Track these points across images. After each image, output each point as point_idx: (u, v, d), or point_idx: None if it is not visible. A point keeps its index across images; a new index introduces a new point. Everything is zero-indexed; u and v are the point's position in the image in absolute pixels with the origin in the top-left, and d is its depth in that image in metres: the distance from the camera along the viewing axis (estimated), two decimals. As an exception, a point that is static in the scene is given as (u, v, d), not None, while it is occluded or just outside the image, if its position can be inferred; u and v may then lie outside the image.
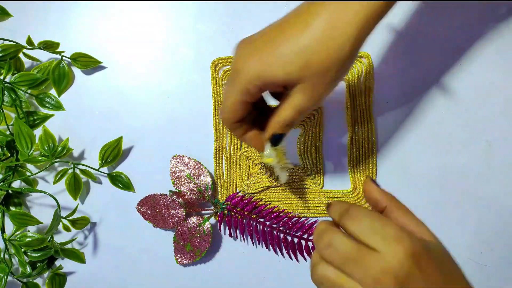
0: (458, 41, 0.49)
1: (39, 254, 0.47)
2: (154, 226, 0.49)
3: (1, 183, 0.47)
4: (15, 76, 0.48)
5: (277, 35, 0.34)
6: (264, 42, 0.34)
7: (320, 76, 0.33)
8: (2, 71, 0.48)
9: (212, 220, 0.49)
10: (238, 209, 0.48)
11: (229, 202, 0.48)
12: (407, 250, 0.30)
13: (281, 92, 0.37)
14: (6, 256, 0.47)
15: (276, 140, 0.39)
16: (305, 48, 0.32)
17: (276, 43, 0.33)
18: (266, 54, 0.33)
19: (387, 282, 0.29)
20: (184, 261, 0.48)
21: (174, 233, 0.49)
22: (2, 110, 0.48)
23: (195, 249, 0.48)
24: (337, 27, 0.32)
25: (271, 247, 0.49)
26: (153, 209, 0.48)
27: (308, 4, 0.34)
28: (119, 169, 0.50)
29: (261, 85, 0.34)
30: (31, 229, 0.50)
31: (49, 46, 0.48)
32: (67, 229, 0.48)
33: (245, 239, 0.49)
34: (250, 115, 0.39)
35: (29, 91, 0.49)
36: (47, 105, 0.49)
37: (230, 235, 0.49)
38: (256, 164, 0.48)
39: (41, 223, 0.46)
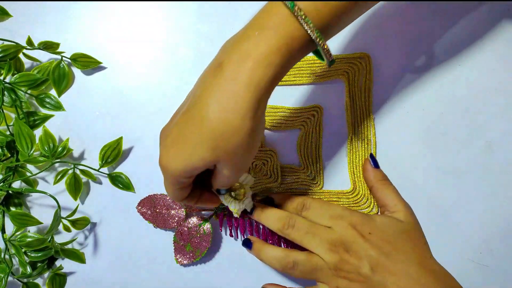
0: (458, 41, 0.49)
1: (39, 254, 0.47)
2: (154, 227, 0.49)
3: (2, 184, 0.47)
4: (15, 76, 0.48)
5: (186, 126, 0.35)
6: (178, 134, 0.36)
7: (231, 154, 0.34)
8: (2, 72, 0.48)
9: (212, 220, 0.49)
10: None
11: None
12: (348, 222, 0.39)
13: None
14: (7, 257, 0.47)
15: (225, 191, 0.42)
16: (209, 135, 0.33)
17: (187, 134, 0.35)
18: (181, 147, 0.35)
19: (338, 249, 0.38)
20: (184, 261, 0.48)
21: (174, 233, 0.49)
22: (2, 110, 0.48)
23: (195, 249, 0.48)
24: (229, 109, 0.32)
25: (271, 247, 0.49)
26: (153, 209, 0.48)
27: (199, 94, 0.35)
28: (119, 169, 0.50)
29: (187, 175, 0.36)
30: (32, 230, 0.50)
31: (49, 46, 0.48)
32: (67, 229, 0.48)
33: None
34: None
35: (29, 91, 0.49)
36: (47, 106, 0.49)
37: (231, 235, 0.49)
38: (256, 165, 0.49)
39: (41, 223, 0.46)
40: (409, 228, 0.41)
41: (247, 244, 0.43)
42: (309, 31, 0.32)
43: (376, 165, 0.46)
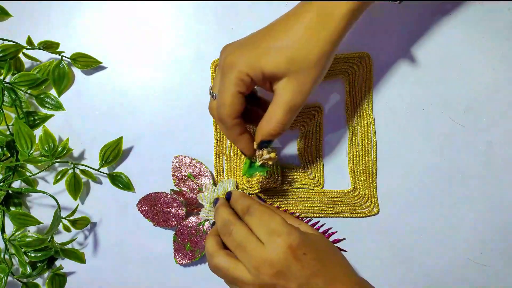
0: (458, 41, 0.49)
1: (39, 254, 0.47)
2: (154, 225, 0.49)
3: (1, 183, 0.47)
4: (15, 76, 0.48)
5: (263, 37, 0.37)
6: (251, 43, 0.38)
7: (305, 70, 0.36)
8: (2, 71, 0.48)
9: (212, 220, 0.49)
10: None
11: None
12: (285, 242, 0.36)
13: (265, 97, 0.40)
14: (6, 256, 0.47)
15: (261, 146, 0.41)
16: (291, 44, 0.36)
17: (264, 42, 0.37)
18: (255, 49, 0.37)
19: (265, 270, 0.35)
20: (184, 261, 0.48)
21: (174, 232, 0.49)
22: (2, 110, 0.47)
23: (194, 248, 0.48)
24: (319, 24, 0.36)
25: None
26: (153, 207, 0.48)
27: (294, 9, 0.38)
28: (119, 169, 0.50)
29: (252, 74, 0.37)
30: (31, 229, 0.50)
31: (49, 46, 0.48)
32: (67, 229, 0.48)
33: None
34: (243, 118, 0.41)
35: (29, 91, 0.49)
36: (47, 105, 0.49)
37: (230, 235, 0.49)
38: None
39: (41, 223, 0.46)
40: (325, 240, 0.40)
41: (215, 203, 0.44)
42: None
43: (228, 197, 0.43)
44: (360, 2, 0.36)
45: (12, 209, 0.49)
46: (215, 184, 0.49)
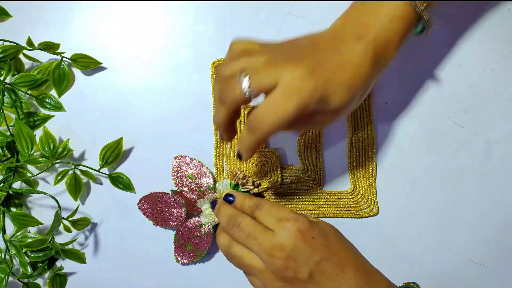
0: (458, 41, 0.49)
1: (40, 254, 0.47)
2: (154, 225, 0.49)
3: (2, 184, 0.47)
4: (15, 77, 0.48)
5: (319, 63, 0.34)
6: (311, 68, 0.33)
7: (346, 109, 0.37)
8: (2, 72, 0.48)
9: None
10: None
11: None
12: (294, 226, 0.38)
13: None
14: (7, 257, 0.47)
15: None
16: (346, 79, 0.34)
17: (324, 72, 0.33)
18: (318, 77, 0.33)
19: (276, 254, 0.37)
20: (184, 261, 0.48)
21: (174, 233, 0.49)
22: (3, 111, 0.47)
23: (195, 249, 0.48)
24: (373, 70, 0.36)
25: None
26: (154, 207, 0.48)
27: (340, 31, 0.37)
28: (119, 170, 0.50)
29: (313, 107, 0.33)
30: (32, 230, 0.50)
31: (49, 47, 0.48)
32: (67, 229, 0.48)
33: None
34: None
35: (29, 92, 0.49)
36: (48, 106, 0.49)
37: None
38: (257, 166, 0.49)
39: (41, 224, 0.46)
40: (338, 231, 0.42)
41: (213, 204, 0.47)
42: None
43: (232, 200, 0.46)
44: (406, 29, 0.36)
45: (13, 209, 0.49)
46: (215, 183, 0.49)
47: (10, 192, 0.49)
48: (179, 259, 0.49)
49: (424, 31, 0.38)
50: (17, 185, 0.50)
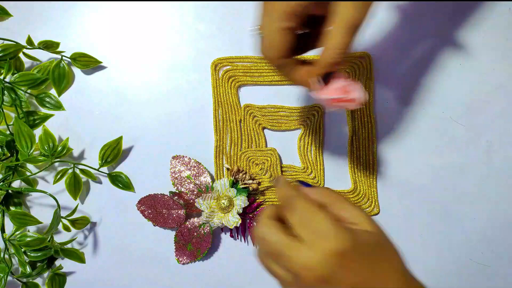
0: (458, 41, 0.49)
1: (39, 254, 0.47)
2: (153, 225, 0.49)
3: (1, 183, 0.47)
4: (15, 76, 0.48)
5: None
6: None
7: None
8: (2, 71, 0.48)
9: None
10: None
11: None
12: (331, 247, 0.30)
13: (320, 23, 0.34)
14: (6, 256, 0.47)
15: (325, 77, 0.36)
16: None
17: None
18: None
19: (307, 277, 0.30)
20: (185, 261, 0.48)
21: (174, 232, 0.49)
22: (2, 110, 0.47)
23: (195, 249, 0.48)
24: None
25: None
26: (153, 208, 0.48)
27: None
28: (119, 169, 0.50)
29: (296, 5, 0.32)
30: (31, 229, 0.50)
31: (49, 46, 0.48)
32: (67, 229, 0.48)
33: (245, 239, 0.49)
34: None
35: (29, 91, 0.49)
36: (47, 105, 0.49)
37: (231, 235, 0.49)
38: (257, 164, 0.48)
39: (41, 223, 0.46)
40: (380, 238, 0.34)
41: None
42: None
43: (308, 185, 0.38)
44: None
45: (12, 208, 0.49)
46: (213, 182, 0.49)
47: (10, 191, 0.49)
48: (180, 259, 0.48)
49: None
50: (16, 184, 0.50)
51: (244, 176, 0.47)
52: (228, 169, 0.49)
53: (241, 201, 0.46)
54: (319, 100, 0.37)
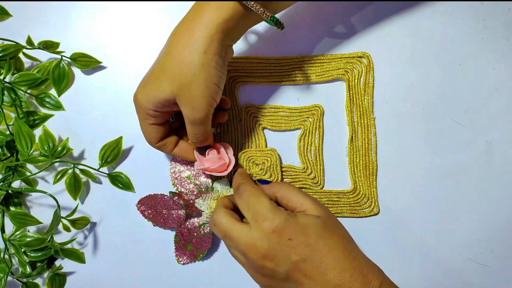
0: (458, 41, 0.49)
1: (39, 254, 0.47)
2: (153, 225, 0.49)
3: (1, 183, 0.47)
4: (15, 76, 0.48)
5: (155, 64, 0.40)
6: (147, 77, 0.41)
7: (185, 87, 0.38)
8: (2, 71, 0.48)
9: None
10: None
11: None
12: (270, 226, 0.36)
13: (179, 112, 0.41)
14: (6, 256, 0.47)
15: (202, 150, 0.44)
16: (169, 68, 0.38)
17: (154, 70, 0.40)
18: (150, 82, 0.40)
19: (253, 255, 0.36)
20: (185, 261, 0.48)
21: (174, 233, 0.49)
22: (2, 110, 0.47)
23: (195, 249, 0.48)
24: (185, 45, 0.37)
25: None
26: (153, 208, 0.48)
27: (171, 38, 0.40)
28: (119, 169, 0.50)
29: (152, 107, 0.40)
30: (31, 229, 0.50)
31: (49, 46, 0.48)
32: (67, 229, 0.48)
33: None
34: (173, 131, 0.45)
35: (29, 91, 0.49)
36: (47, 105, 0.49)
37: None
38: (257, 165, 0.48)
39: (41, 223, 0.46)
40: (327, 221, 0.38)
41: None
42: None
43: (267, 182, 0.47)
44: (228, 14, 0.37)
45: (12, 208, 0.49)
46: (213, 182, 0.49)
47: (10, 191, 0.49)
48: (180, 259, 0.48)
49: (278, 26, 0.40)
50: (16, 184, 0.50)
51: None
52: None
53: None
54: (198, 169, 0.46)
